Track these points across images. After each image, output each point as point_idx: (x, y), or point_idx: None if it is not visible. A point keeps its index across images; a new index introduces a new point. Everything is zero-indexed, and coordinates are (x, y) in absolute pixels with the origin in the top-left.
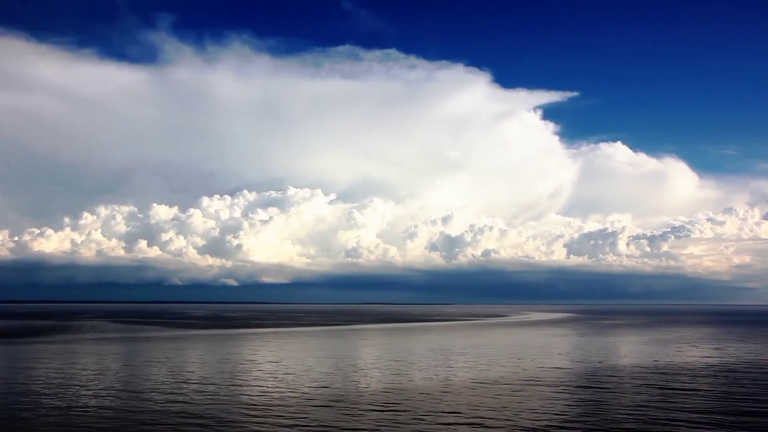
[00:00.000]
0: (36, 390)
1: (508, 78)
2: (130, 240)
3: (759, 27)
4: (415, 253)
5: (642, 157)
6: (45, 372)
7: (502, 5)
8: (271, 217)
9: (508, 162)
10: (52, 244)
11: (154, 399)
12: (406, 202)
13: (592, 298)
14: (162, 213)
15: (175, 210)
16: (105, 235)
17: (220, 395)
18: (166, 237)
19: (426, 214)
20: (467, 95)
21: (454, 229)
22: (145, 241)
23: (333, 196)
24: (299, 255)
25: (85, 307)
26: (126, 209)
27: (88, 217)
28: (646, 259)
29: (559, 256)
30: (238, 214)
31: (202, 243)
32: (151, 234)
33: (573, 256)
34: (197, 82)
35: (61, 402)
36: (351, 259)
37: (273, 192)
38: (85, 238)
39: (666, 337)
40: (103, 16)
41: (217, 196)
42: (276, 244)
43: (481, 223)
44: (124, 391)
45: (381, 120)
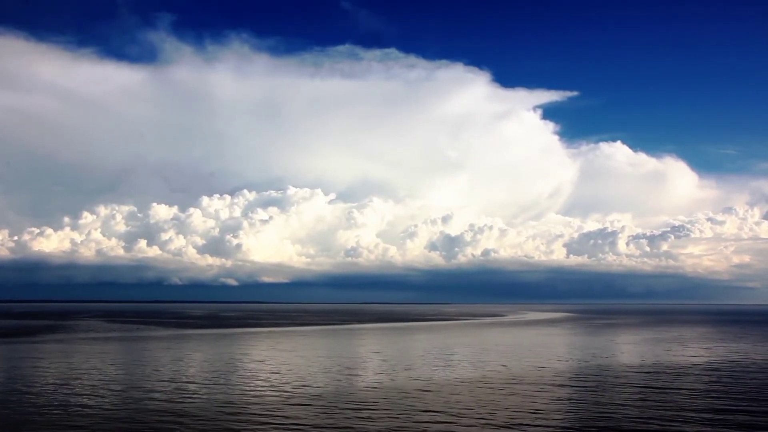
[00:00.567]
0: (14, 388)
1: (507, 77)
2: (130, 240)
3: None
4: (415, 252)
5: (642, 156)
6: (29, 371)
7: (502, 5)
8: (271, 217)
9: (508, 162)
10: (51, 243)
11: (133, 397)
12: (406, 202)
13: (592, 298)
14: (162, 213)
15: (174, 210)
16: (105, 235)
17: (200, 394)
18: (165, 237)
19: (426, 214)
20: (467, 95)
21: (454, 229)
22: (145, 241)
23: (333, 196)
24: (299, 255)
25: (83, 307)
26: (126, 209)
27: (87, 217)
28: (646, 259)
29: (558, 256)
30: (237, 213)
31: (201, 243)
32: (151, 234)
33: (573, 256)
34: (197, 81)
35: (38, 400)
36: (351, 258)
37: (273, 192)
38: (84, 238)
39: (659, 336)
40: (103, 16)
41: (217, 196)
42: (276, 243)
43: (480, 223)
44: (104, 389)
45: (381, 120)
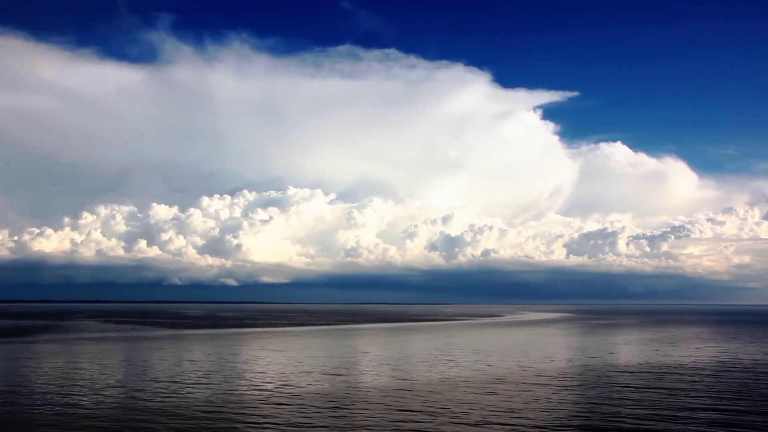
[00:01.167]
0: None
1: (507, 78)
2: (130, 240)
3: (759, 27)
4: (415, 252)
5: (642, 156)
6: (17, 371)
7: (502, 5)
8: (270, 217)
9: (508, 162)
10: (51, 243)
11: (114, 396)
12: (406, 202)
13: (592, 298)
14: (162, 213)
15: (174, 210)
16: (105, 235)
17: (181, 393)
18: (165, 237)
19: (425, 214)
20: (467, 95)
21: (454, 229)
22: (145, 241)
23: (333, 196)
24: (299, 255)
25: (82, 307)
26: (126, 209)
27: (87, 217)
28: (646, 259)
29: (558, 256)
30: (237, 213)
31: (201, 243)
32: (151, 234)
33: (573, 256)
34: (197, 81)
35: (24, 401)
36: (351, 258)
37: (273, 192)
38: (84, 238)
39: (652, 336)
40: (103, 16)
41: (217, 196)
42: (276, 243)
43: (480, 223)
44: (87, 388)
45: (381, 120)
